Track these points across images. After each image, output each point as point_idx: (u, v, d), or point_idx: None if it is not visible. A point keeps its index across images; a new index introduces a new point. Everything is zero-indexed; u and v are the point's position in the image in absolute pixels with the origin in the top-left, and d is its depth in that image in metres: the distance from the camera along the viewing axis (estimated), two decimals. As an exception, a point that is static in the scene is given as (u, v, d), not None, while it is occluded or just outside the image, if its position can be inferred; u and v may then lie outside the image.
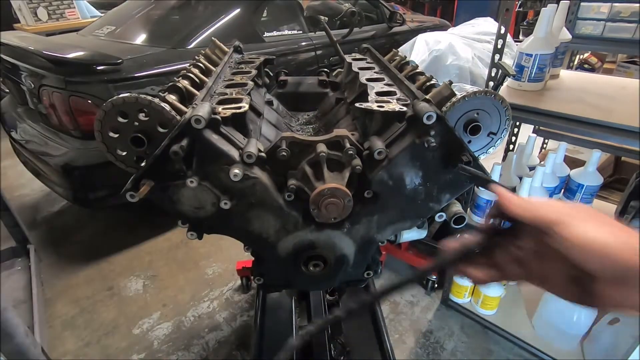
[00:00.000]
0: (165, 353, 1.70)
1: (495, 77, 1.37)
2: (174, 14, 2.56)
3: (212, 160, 0.67)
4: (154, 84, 1.99)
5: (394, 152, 0.70)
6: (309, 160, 0.71)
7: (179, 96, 0.75)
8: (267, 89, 1.20)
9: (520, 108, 1.30)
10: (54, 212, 2.69)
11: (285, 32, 2.72)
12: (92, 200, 2.07)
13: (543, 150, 2.37)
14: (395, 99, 0.78)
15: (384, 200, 0.74)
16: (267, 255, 0.82)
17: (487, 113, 0.77)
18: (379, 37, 3.15)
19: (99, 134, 0.68)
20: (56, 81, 1.87)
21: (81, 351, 1.72)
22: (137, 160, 0.71)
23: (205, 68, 0.95)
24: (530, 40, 1.35)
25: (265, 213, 0.73)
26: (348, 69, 1.13)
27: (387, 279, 2.07)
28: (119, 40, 2.35)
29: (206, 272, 2.15)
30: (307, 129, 1.08)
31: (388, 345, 1.21)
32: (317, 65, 2.65)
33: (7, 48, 2.08)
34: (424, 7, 6.29)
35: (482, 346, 1.72)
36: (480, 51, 2.48)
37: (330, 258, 0.78)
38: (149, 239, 2.41)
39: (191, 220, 0.74)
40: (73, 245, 2.38)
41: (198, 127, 0.63)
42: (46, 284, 2.05)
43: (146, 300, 1.98)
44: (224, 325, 1.83)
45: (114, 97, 0.65)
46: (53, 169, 1.97)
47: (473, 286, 1.79)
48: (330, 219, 0.71)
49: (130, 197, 0.66)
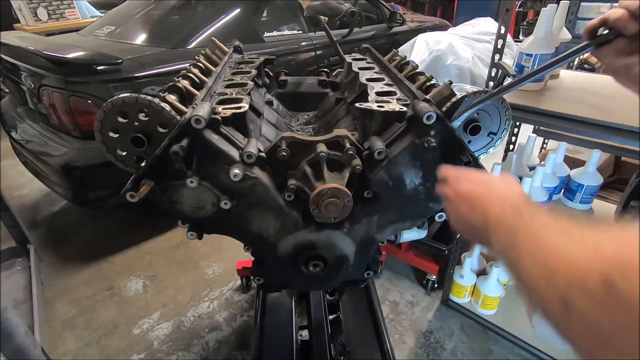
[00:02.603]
0: (165, 353, 1.70)
1: (495, 77, 1.37)
2: (174, 14, 2.56)
3: (212, 160, 0.67)
4: (154, 84, 1.99)
5: (394, 152, 0.70)
6: (309, 160, 0.71)
7: (179, 96, 0.75)
8: (267, 89, 1.20)
9: (520, 108, 1.30)
10: (54, 212, 2.69)
11: (285, 32, 2.72)
12: (92, 200, 2.07)
13: (543, 150, 2.37)
14: (395, 99, 0.78)
15: (384, 200, 0.74)
16: (267, 256, 0.82)
17: (487, 113, 0.77)
18: (379, 37, 3.15)
19: (99, 134, 0.68)
20: (56, 81, 1.86)
21: (81, 351, 1.72)
22: (137, 160, 0.71)
23: (205, 68, 0.94)
24: (530, 40, 1.35)
25: (265, 213, 0.73)
26: (348, 69, 1.13)
27: (387, 279, 2.07)
28: (119, 40, 2.35)
29: (206, 272, 2.15)
30: (307, 129, 1.09)
31: (388, 345, 1.21)
32: (317, 65, 2.65)
33: (7, 48, 2.07)
34: (424, 7, 6.29)
35: (482, 346, 1.72)
36: (480, 51, 2.48)
37: (330, 258, 0.78)
38: (149, 239, 2.41)
39: (191, 220, 0.74)
40: (73, 245, 2.38)
41: (198, 127, 0.63)
42: (46, 284, 2.05)
43: (146, 300, 1.98)
44: (224, 325, 1.83)
45: (113, 97, 0.65)
46: (53, 169, 1.97)
47: (473, 286, 1.79)
48: (330, 219, 0.71)
49: (130, 197, 0.66)
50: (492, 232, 0.44)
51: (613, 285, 0.25)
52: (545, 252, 0.33)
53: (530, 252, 0.35)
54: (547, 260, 0.32)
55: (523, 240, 0.37)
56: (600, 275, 0.26)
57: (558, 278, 0.30)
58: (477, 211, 0.48)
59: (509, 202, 0.44)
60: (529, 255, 0.35)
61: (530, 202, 0.44)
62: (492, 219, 0.44)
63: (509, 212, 0.42)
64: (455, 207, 0.54)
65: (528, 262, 0.34)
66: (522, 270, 0.35)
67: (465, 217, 0.51)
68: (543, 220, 0.37)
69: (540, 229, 0.36)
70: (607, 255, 0.27)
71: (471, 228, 0.50)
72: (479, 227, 0.47)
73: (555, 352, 1.59)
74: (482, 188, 0.50)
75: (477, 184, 0.52)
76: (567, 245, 0.31)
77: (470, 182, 0.53)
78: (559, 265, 0.30)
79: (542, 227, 0.36)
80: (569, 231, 0.32)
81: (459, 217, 0.53)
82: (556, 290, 0.29)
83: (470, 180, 0.54)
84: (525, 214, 0.40)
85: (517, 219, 0.40)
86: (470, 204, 0.50)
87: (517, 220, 0.40)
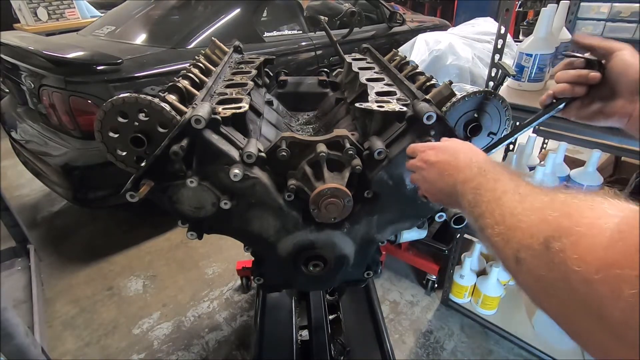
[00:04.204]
0: (165, 353, 1.70)
1: (495, 77, 1.37)
2: (174, 14, 2.56)
3: (212, 160, 0.67)
4: (154, 84, 1.99)
5: (394, 152, 0.70)
6: (309, 160, 0.71)
7: (179, 96, 0.75)
8: (267, 89, 1.20)
9: (520, 108, 1.30)
10: (54, 212, 2.69)
11: (285, 32, 2.72)
12: (92, 200, 2.07)
13: (543, 150, 2.37)
14: (395, 99, 0.78)
15: (384, 200, 0.74)
16: (267, 256, 0.82)
17: (487, 113, 0.77)
18: (379, 37, 3.15)
19: (99, 134, 0.68)
20: (56, 81, 1.86)
21: (81, 351, 1.72)
22: (137, 160, 0.71)
23: (205, 68, 0.95)
24: (530, 40, 1.35)
25: (265, 213, 0.73)
26: (348, 69, 1.13)
27: (387, 279, 2.07)
28: (119, 40, 2.35)
29: (206, 272, 2.15)
30: (307, 129, 1.09)
31: (388, 345, 1.21)
32: (317, 65, 2.65)
33: (7, 48, 2.07)
34: (424, 7, 6.29)
35: (482, 346, 1.72)
36: (480, 51, 2.47)
37: (330, 258, 0.78)
38: (149, 239, 2.41)
39: (191, 220, 0.74)
40: (73, 245, 2.38)
41: (198, 127, 0.63)
42: (46, 284, 2.05)
43: (146, 300, 1.98)
44: (224, 325, 1.83)
45: (113, 97, 0.65)
46: (53, 169, 1.97)
47: (473, 286, 1.79)
48: (330, 219, 0.71)
49: (130, 197, 0.66)
50: (461, 193, 0.48)
51: (550, 248, 0.29)
52: (504, 214, 0.38)
53: (492, 212, 0.40)
54: (505, 222, 0.37)
55: (487, 199, 0.42)
56: (543, 238, 0.31)
57: (512, 239, 0.35)
58: (446, 176, 0.52)
59: (476, 165, 0.49)
60: (490, 215, 0.40)
61: (495, 165, 0.48)
62: (460, 181, 0.49)
63: (475, 173, 0.47)
64: (425, 174, 0.57)
65: (489, 221, 0.39)
66: (484, 226, 0.40)
67: (435, 183, 0.55)
68: (505, 185, 0.41)
69: (501, 192, 0.41)
70: (549, 221, 0.32)
71: (441, 192, 0.54)
72: (448, 190, 0.52)
73: (555, 352, 1.59)
74: (448, 155, 0.55)
75: (444, 151, 0.56)
76: (521, 209, 0.36)
77: (437, 151, 0.57)
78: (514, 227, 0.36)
79: (502, 190, 0.41)
80: (524, 196, 0.38)
81: (429, 184, 0.57)
82: (511, 249, 0.35)
83: (437, 149, 0.57)
84: (490, 176, 0.45)
85: (482, 180, 0.45)
86: (439, 170, 0.54)
87: (483, 182, 0.45)
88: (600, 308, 0.25)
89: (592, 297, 0.25)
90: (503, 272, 1.77)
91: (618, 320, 0.24)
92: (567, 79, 0.60)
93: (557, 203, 0.33)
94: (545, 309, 0.32)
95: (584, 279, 0.26)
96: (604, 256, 0.25)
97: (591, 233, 0.27)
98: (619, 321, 0.24)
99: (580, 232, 0.28)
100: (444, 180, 0.53)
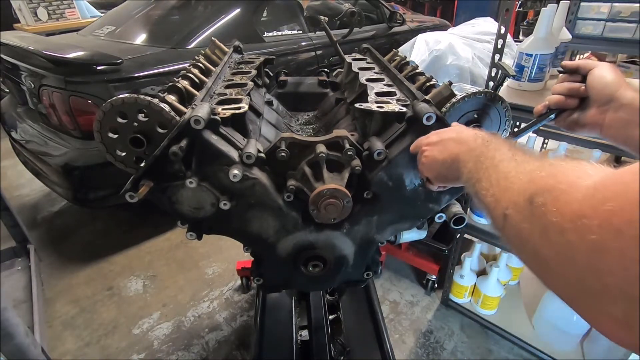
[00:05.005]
0: (165, 353, 1.70)
1: (495, 77, 1.37)
2: (174, 14, 2.56)
3: (212, 160, 0.67)
4: (154, 84, 1.99)
5: (394, 152, 0.70)
6: (309, 161, 0.71)
7: (178, 96, 0.75)
8: (267, 89, 1.20)
9: (520, 108, 1.30)
10: (54, 212, 2.69)
11: (285, 32, 2.71)
12: (92, 200, 2.07)
13: (543, 150, 2.37)
14: (395, 100, 0.78)
15: (383, 201, 0.74)
16: (266, 256, 0.82)
17: (487, 113, 0.77)
18: (379, 37, 3.15)
19: (98, 134, 0.68)
20: (56, 81, 1.86)
21: (81, 351, 1.72)
22: (137, 160, 0.71)
23: (205, 68, 0.94)
24: (530, 40, 1.35)
25: (265, 214, 0.73)
26: (348, 69, 1.13)
27: (387, 279, 2.07)
28: (119, 40, 2.35)
29: (206, 272, 2.15)
30: (306, 129, 1.08)
31: (388, 345, 1.21)
32: (317, 65, 2.64)
33: (7, 48, 2.07)
34: (424, 7, 6.28)
35: (482, 346, 1.72)
36: (480, 51, 2.47)
37: (330, 258, 0.78)
38: (149, 239, 2.41)
39: (190, 221, 0.74)
40: (73, 245, 2.38)
41: (197, 128, 0.63)
42: (46, 284, 2.05)
43: (146, 300, 1.98)
44: (224, 325, 1.83)
45: (113, 98, 0.65)
46: (53, 169, 1.97)
47: (473, 286, 1.79)
48: (330, 219, 0.71)
49: (129, 197, 0.66)
50: (462, 162, 0.52)
51: (534, 203, 0.33)
52: (499, 178, 0.41)
53: (489, 177, 0.43)
54: (499, 184, 0.40)
55: (485, 166, 0.45)
56: (529, 195, 0.34)
57: (502, 199, 0.38)
58: (448, 150, 0.56)
59: (480, 137, 0.52)
60: (487, 180, 0.43)
61: (497, 137, 0.51)
62: (464, 151, 0.53)
63: (479, 144, 0.51)
64: (427, 153, 0.60)
65: (485, 184, 0.43)
66: (480, 189, 0.44)
67: (437, 157, 0.58)
68: (503, 153, 0.45)
69: (498, 160, 0.44)
70: (536, 180, 0.35)
71: (442, 165, 0.57)
72: (450, 162, 0.55)
73: (555, 352, 1.59)
74: (452, 133, 0.58)
75: (448, 131, 0.60)
76: (514, 172, 0.39)
77: (441, 132, 0.61)
78: (505, 188, 0.39)
79: (500, 158, 0.44)
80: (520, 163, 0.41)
81: (431, 160, 0.59)
82: (501, 207, 0.38)
83: (441, 131, 0.61)
84: (492, 147, 0.48)
85: (484, 150, 0.49)
86: (442, 147, 0.58)
87: (484, 151, 0.48)
88: (568, 253, 0.28)
89: (563, 244, 0.28)
90: (503, 272, 1.76)
91: (583, 264, 0.26)
92: (560, 91, 0.67)
93: (546, 165, 0.36)
94: (524, 259, 0.35)
95: (559, 229, 0.29)
96: (577, 209, 0.28)
97: (570, 190, 0.30)
98: (584, 266, 0.26)
99: (561, 188, 0.31)
100: (447, 151, 0.56)
